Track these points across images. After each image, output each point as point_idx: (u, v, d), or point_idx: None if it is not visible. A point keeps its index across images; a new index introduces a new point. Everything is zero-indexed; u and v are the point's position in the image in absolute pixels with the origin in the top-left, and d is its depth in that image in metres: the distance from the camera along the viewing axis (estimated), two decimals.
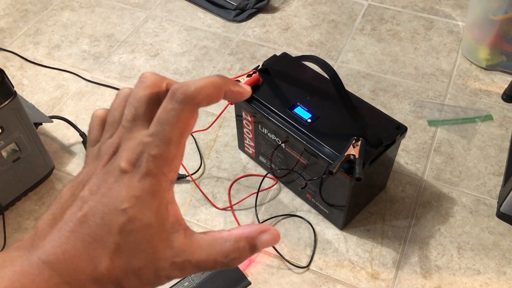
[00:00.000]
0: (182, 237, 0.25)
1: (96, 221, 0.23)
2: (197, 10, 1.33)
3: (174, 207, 0.25)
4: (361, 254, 0.85)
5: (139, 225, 0.23)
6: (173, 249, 0.24)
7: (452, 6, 1.32)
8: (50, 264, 0.22)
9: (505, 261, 0.84)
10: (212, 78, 0.25)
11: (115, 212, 0.23)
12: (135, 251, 0.23)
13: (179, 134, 0.24)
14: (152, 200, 0.23)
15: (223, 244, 0.25)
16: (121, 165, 0.23)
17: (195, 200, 0.93)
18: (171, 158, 0.24)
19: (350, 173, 0.74)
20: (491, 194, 0.92)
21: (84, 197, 0.23)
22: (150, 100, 0.25)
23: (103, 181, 0.23)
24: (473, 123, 1.05)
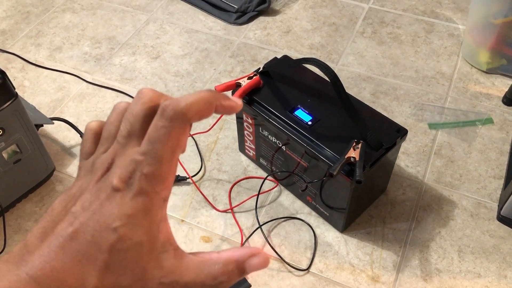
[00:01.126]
0: (172, 257, 0.25)
1: (87, 238, 0.23)
2: (198, 12, 1.34)
3: (166, 225, 0.25)
4: (362, 257, 0.85)
5: (129, 244, 0.23)
6: (162, 270, 0.24)
7: (453, 9, 1.32)
8: (38, 280, 0.22)
9: (505, 264, 0.83)
10: (203, 93, 0.25)
11: (106, 230, 0.22)
12: (124, 270, 0.23)
13: (171, 151, 0.24)
14: (144, 219, 0.23)
15: (212, 266, 0.25)
16: (113, 183, 0.23)
17: (195, 202, 0.93)
18: (164, 176, 0.23)
19: (351, 176, 0.74)
20: (491, 197, 0.92)
21: (75, 213, 0.23)
22: (146, 117, 0.25)
23: (95, 197, 0.23)
24: (474, 126, 1.05)
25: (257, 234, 0.88)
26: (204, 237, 0.88)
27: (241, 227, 0.89)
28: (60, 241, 0.23)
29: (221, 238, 0.88)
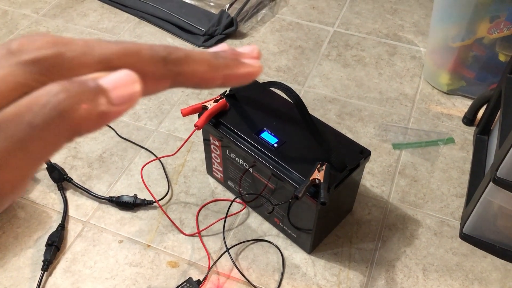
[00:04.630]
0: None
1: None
2: (166, 35, 1.34)
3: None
4: (329, 278, 0.86)
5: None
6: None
7: (414, 32, 1.37)
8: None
9: (468, 281, 0.85)
10: (205, 54, 0.21)
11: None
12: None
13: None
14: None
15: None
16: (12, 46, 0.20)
17: (162, 227, 0.92)
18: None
19: (316, 197, 0.75)
20: (454, 215, 0.95)
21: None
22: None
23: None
24: (436, 146, 1.08)
25: (225, 258, 0.87)
26: (171, 262, 0.87)
27: (208, 251, 0.88)
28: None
29: (188, 262, 0.87)
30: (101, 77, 0.18)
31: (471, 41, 1.08)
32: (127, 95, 0.18)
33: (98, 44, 0.19)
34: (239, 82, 0.23)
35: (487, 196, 0.82)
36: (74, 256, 0.88)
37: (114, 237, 0.91)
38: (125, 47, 0.20)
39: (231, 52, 0.23)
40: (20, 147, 0.17)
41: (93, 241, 0.90)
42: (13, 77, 0.18)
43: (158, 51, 0.20)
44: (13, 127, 0.17)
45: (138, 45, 0.20)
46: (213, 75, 0.22)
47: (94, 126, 0.18)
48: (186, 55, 0.21)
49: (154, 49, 0.20)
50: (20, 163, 0.17)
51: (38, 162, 0.18)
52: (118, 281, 0.85)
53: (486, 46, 1.08)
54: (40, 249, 0.88)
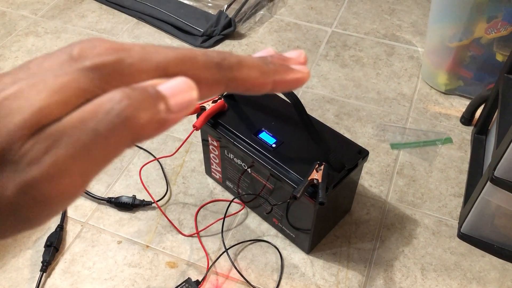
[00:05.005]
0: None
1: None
2: (164, 36, 1.34)
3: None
4: (328, 278, 0.86)
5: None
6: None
7: (412, 32, 1.37)
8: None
9: (466, 281, 0.85)
10: (256, 60, 0.22)
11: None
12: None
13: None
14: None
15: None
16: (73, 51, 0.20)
17: (160, 227, 0.92)
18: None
19: (314, 197, 0.75)
20: (452, 215, 0.95)
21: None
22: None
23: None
24: (434, 146, 1.08)
25: (224, 258, 0.87)
26: (170, 262, 0.87)
27: (207, 252, 0.88)
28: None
29: (187, 263, 0.87)
30: (160, 84, 0.19)
31: (468, 41, 1.08)
32: (185, 102, 0.19)
33: (155, 50, 0.20)
34: (287, 88, 0.23)
35: (484, 195, 0.82)
36: (73, 257, 0.88)
37: (113, 238, 0.91)
38: (181, 54, 0.20)
39: (279, 57, 0.23)
40: (84, 153, 0.17)
41: (92, 242, 0.90)
42: (76, 84, 0.18)
43: (213, 57, 0.20)
44: (78, 133, 0.17)
45: (193, 51, 0.20)
46: (264, 81, 0.22)
47: (153, 133, 0.18)
48: (239, 61, 0.21)
49: (208, 55, 0.20)
50: (83, 169, 0.17)
51: (100, 168, 0.18)
52: (117, 282, 0.85)
53: (484, 46, 1.08)
54: (39, 250, 0.88)
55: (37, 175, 0.17)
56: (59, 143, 0.17)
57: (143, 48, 0.19)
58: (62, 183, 0.17)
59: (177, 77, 0.19)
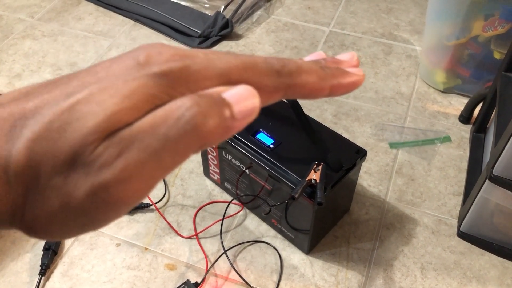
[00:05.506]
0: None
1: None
2: (161, 37, 1.34)
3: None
4: (327, 278, 0.85)
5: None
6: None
7: (410, 31, 1.37)
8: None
9: (466, 279, 0.85)
10: (313, 65, 0.22)
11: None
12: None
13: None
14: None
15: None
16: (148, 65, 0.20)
17: (159, 229, 0.92)
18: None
19: (313, 198, 0.75)
20: (451, 213, 0.95)
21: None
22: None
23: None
24: (433, 145, 1.08)
25: (223, 260, 0.87)
26: (169, 265, 0.87)
27: (206, 253, 0.88)
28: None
29: (186, 265, 0.87)
30: (224, 92, 0.19)
31: (466, 40, 1.08)
32: (248, 110, 0.19)
33: (217, 57, 0.20)
34: (344, 92, 0.23)
35: (483, 194, 0.82)
36: (71, 260, 0.88)
37: (111, 241, 0.91)
38: (243, 61, 0.20)
39: (332, 60, 0.23)
40: (154, 157, 0.17)
41: (91, 245, 0.90)
42: (145, 89, 0.18)
43: (273, 64, 0.21)
44: (149, 138, 0.17)
45: (254, 59, 0.21)
46: (322, 86, 0.22)
47: (218, 140, 0.19)
48: (298, 67, 0.21)
49: (268, 62, 0.21)
50: (152, 173, 0.18)
51: (167, 173, 0.18)
52: (116, 285, 0.85)
53: (481, 44, 1.08)
54: (37, 253, 0.88)
55: (108, 178, 0.17)
56: (131, 147, 0.17)
57: (206, 55, 0.20)
58: (131, 186, 0.17)
59: (240, 85, 0.19)
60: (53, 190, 0.17)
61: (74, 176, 0.17)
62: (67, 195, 0.17)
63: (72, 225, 0.18)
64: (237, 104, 0.19)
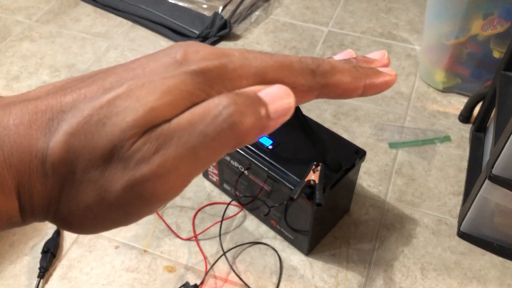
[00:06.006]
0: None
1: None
2: (160, 38, 1.34)
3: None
4: (327, 279, 0.85)
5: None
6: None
7: (409, 31, 1.37)
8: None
9: (466, 279, 0.85)
10: (346, 65, 0.22)
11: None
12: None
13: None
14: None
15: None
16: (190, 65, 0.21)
17: (158, 231, 0.92)
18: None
19: (312, 199, 0.75)
20: (451, 213, 0.94)
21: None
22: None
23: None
24: (433, 145, 1.07)
25: (222, 261, 0.87)
26: (168, 266, 0.87)
27: (205, 255, 0.88)
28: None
29: (185, 267, 0.87)
30: (260, 91, 0.19)
31: (465, 39, 1.08)
32: (283, 109, 0.19)
33: (253, 56, 0.20)
34: (377, 91, 0.23)
35: (483, 193, 0.82)
36: (70, 262, 0.87)
37: (110, 243, 0.90)
38: (278, 61, 0.20)
39: (363, 60, 0.23)
40: (191, 154, 0.18)
41: (89, 247, 0.90)
42: (184, 86, 0.18)
43: (308, 64, 0.21)
44: (187, 135, 0.18)
45: (289, 58, 0.21)
46: (356, 86, 0.22)
47: (253, 139, 0.19)
48: (332, 67, 0.21)
49: (303, 61, 0.21)
50: (188, 170, 0.18)
51: (202, 170, 0.18)
52: (115, 287, 0.84)
53: (480, 43, 1.08)
54: (36, 256, 0.88)
55: (146, 173, 0.17)
56: (169, 143, 0.17)
57: (241, 54, 0.20)
58: (168, 182, 0.18)
59: (276, 84, 0.19)
60: (89, 183, 0.18)
61: (111, 170, 0.17)
62: (103, 189, 0.18)
63: (106, 219, 0.18)
64: (272, 103, 0.19)
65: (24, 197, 0.18)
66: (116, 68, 0.20)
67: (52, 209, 0.18)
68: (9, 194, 0.18)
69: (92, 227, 0.19)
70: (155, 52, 0.20)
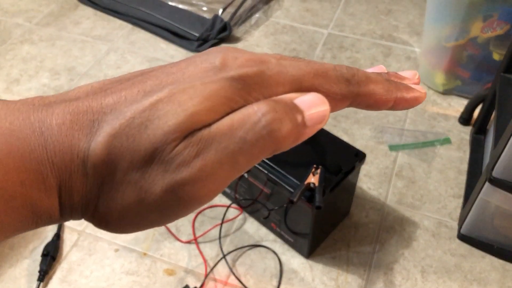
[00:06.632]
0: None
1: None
2: (160, 41, 1.34)
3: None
4: (327, 282, 0.85)
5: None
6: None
7: (409, 33, 1.37)
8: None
9: (467, 282, 0.85)
10: (379, 77, 0.22)
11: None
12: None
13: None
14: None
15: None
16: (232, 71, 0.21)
17: (158, 234, 0.91)
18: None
19: (311, 201, 0.74)
20: (451, 216, 0.94)
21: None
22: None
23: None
24: (433, 147, 1.07)
25: (222, 264, 0.87)
26: (168, 269, 0.87)
27: (205, 258, 0.88)
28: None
29: (185, 270, 0.86)
30: (296, 98, 0.19)
31: (465, 41, 1.08)
32: (319, 117, 0.19)
33: (289, 63, 0.20)
34: (406, 106, 0.23)
35: (483, 196, 0.81)
36: (70, 265, 0.87)
37: (110, 246, 0.90)
38: (314, 68, 0.20)
39: (395, 75, 0.24)
40: (230, 159, 0.18)
41: (89, 250, 0.90)
42: (223, 92, 0.19)
43: (343, 73, 0.21)
44: (227, 140, 0.18)
45: (324, 66, 0.21)
46: (387, 98, 0.22)
47: (289, 146, 0.19)
48: (366, 77, 0.21)
49: (338, 70, 0.21)
50: (226, 174, 0.18)
51: (239, 174, 0.19)
52: None
53: (480, 45, 1.08)
54: (36, 259, 0.88)
55: (186, 176, 0.18)
56: (209, 148, 0.18)
57: (278, 61, 0.20)
58: (206, 186, 0.18)
59: (311, 92, 0.20)
60: (129, 184, 0.18)
61: (152, 173, 0.18)
62: (144, 191, 0.18)
63: (143, 220, 0.19)
64: (308, 111, 0.19)
65: (64, 195, 0.18)
66: (154, 71, 0.20)
67: (91, 208, 0.19)
68: (51, 192, 0.18)
69: (128, 227, 0.19)
70: (193, 56, 0.21)
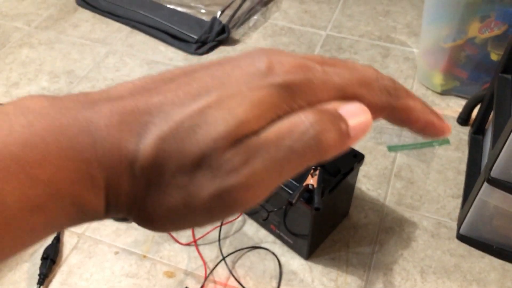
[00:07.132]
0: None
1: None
2: (158, 43, 1.34)
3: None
4: (327, 284, 0.85)
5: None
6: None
7: (407, 34, 1.37)
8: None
9: (466, 282, 0.85)
10: (417, 100, 0.22)
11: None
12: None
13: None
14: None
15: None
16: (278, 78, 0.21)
17: (157, 237, 0.92)
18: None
19: (310, 203, 0.75)
20: (450, 216, 0.94)
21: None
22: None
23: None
24: (431, 147, 1.07)
25: (221, 266, 0.87)
26: (168, 272, 0.87)
27: (204, 260, 0.88)
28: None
29: (184, 272, 0.87)
30: (340, 107, 0.20)
31: (462, 41, 1.08)
32: (362, 127, 0.20)
33: (333, 71, 0.20)
34: (431, 132, 0.23)
35: (482, 196, 0.82)
36: (70, 268, 0.88)
37: (110, 249, 0.90)
38: (357, 78, 0.21)
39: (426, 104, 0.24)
40: (278, 167, 0.18)
41: (89, 253, 0.90)
42: (270, 99, 0.19)
43: (386, 85, 0.21)
44: (275, 148, 0.18)
45: (367, 76, 0.21)
46: (420, 117, 0.22)
47: (333, 155, 0.19)
48: (407, 92, 0.22)
49: (380, 82, 0.21)
50: (271, 182, 0.19)
51: (283, 182, 0.19)
52: None
53: (478, 45, 1.08)
54: (35, 262, 0.88)
55: (234, 183, 0.18)
56: (257, 156, 0.18)
57: (323, 69, 0.20)
58: (252, 193, 0.18)
59: (354, 102, 0.20)
60: (176, 187, 0.18)
61: (200, 178, 0.18)
62: (191, 194, 0.18)
63: (187, 221, 0.19)
64: (352, 120, 0.19)
65: (111, 195, 0.19)
66: (198, 73, 0.20)
67: (136, 208, 0.19)
68: (99, 192, 0.18)
69: (172, 227, 0.20)
70: (237, 58, 0.20)
